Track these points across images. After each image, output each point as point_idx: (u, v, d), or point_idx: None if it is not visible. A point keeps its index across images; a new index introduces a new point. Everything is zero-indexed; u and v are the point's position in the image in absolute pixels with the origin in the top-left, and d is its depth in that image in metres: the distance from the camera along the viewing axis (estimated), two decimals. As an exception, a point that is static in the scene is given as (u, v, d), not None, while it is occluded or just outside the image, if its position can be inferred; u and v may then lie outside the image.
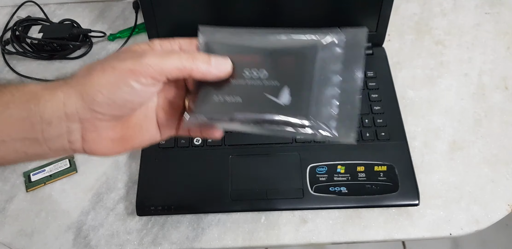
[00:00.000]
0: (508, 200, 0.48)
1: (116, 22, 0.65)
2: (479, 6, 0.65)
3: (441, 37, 0.62)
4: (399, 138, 0.50)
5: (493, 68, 0.58)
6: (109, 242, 0.47)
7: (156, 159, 0.49)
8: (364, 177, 0.47)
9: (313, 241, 0.46)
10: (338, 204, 0.46)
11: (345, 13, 0.54)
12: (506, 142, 0.52)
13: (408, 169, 0.47)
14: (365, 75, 0.55)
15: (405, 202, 0.46)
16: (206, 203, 0.46)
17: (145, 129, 0.31)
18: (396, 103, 0.53)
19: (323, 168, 0.48)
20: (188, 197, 0.47)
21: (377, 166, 0.47)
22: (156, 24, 0.54)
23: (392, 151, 0.49)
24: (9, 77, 0.60)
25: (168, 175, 0.48)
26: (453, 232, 0.46)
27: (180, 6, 0.53)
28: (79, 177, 0.51)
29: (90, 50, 0.62)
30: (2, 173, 0.51)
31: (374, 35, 0.56)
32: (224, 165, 0.48)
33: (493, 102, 0.55)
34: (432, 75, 0.58)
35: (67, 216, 0.48)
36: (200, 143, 0.50)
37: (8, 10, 0.67)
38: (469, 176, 0.49)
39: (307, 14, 0.54)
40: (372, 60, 0.56)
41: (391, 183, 0.46)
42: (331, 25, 0.53)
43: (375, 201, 0.46)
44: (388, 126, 0.50)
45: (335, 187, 0.46)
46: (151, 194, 0.47)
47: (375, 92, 0.53)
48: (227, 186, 0.47)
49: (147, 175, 0.48)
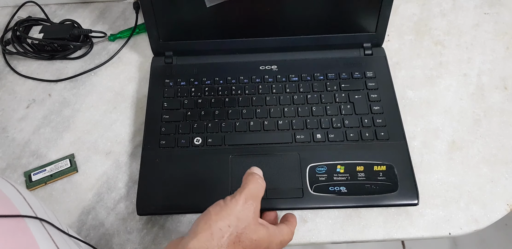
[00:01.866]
0: (507, 199, 0.48)
1: (117, 22, 0.66)
2: (478, 6, 0.65)
3: (441, 37, 0.62)
4: (399, 138, 0.50)
5: (492, 68, 0.58)
6: (110, 241, 0.47)
7: (157, 158, 0.49)
8: (363, 176, 0.47)
9: (313, 240, 0.46)
10: (337, 203, 0.46)
11: (345, 13, 0.54)
12: (505, 141, 0.52)
13: (407, 168, 0.47)
14: (364, 75, 0.55)
15: (404, 201, 0.46)
16: (206, 202, 0.46)
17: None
18: (395, 103, 0.53)
19: (322, 168, 0.48)
20: (188, 196, 0.47)
21: (376, 166, 0.47)
22: (157, 25, 0.54)
23: (391, 150, 0.49)
24: (9, 78, 0.60)
25: (169, 174, 0.48)
26: (453, 231, 0.46)
27: (180, 7, 0.53)
28: (79, 177, 0.51)
29: (91, 50, 0.63)
30: (3, 173, 0.52)
31: (373, 36, 0.56)
32: (224, 164, 0.48)
33: (492, 102, 0.55)
34: (432, 76, 0.58)
35: (68, 215, 0.49)
36: (200, 142, 0.50)
37: (8, 11, 0.67)
38: (469, 176, 0.50)
39: (307, 15, 0.54)
40: (371, 60, 0.56)
41: (390, 182, 0.46)
42: (331, 26, 0.54)
43: (375, 201, 0.46)
44: (387, 126, 0.50)
45: (334, 186, 0.46)
46: (151, 193, 0.47)
47: (375, 93, 0.53)
48: (227, 186, 0.47)
49: (148, 175, 0.48)
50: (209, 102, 0.53)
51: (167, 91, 0.54)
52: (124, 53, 0.62)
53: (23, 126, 0.56)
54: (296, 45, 0.56)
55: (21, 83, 0.60)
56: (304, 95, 0.53)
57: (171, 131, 0.51)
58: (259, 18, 0.54)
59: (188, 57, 0.57)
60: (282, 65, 0.56)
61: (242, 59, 0.57)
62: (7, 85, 0.60)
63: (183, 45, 0.57)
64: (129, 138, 0.54)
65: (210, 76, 0.55)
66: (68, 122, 0.56)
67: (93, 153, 0.53)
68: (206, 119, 0.52)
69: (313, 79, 0.55)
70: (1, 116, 0.57)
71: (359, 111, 0.52)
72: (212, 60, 0.57)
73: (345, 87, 0.54)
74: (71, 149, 0.53)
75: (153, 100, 0.54)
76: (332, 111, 0.52)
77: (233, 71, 0.56)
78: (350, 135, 0.50)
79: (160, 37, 0.56)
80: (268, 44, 0.56)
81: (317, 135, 0.50)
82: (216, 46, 0.56)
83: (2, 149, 0.54)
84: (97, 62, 0.61)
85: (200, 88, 0.54)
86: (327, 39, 0.56)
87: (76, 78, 0.60)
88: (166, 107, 0.53)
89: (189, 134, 0.51)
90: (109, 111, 0.56)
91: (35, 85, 0.59)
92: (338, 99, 0.53)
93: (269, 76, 0.55)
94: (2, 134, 0.55)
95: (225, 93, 0.54)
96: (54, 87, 0.59)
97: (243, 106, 0.53)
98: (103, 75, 0.60)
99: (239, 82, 0.55)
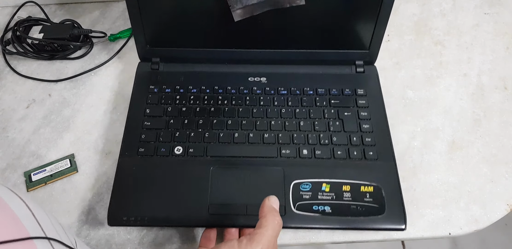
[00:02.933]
0: (507, 199, 0.48)
1: (117, 22, 0.66)
2: (478, 6, 0.65)
3: (441, 37, 0.62)
4: (388, 159, 0.48)
5: (492, 68, 0.58)
6: (110, 241, 0.47)
7: (134, 166, 0.47)
8: (349, 197, 0.45)
9: (313, 240, 0.46)
10: (321, 224, 0.44)
11: (339, 30, 0.52)
12: (505, 141, 0.52)
13: (396, 191, 0.45)
14: (355, 92, 0.53)
15: (391, 226, 0.44)
16: (182, 216, 0.44)
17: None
18: (385, 122, 0.51)
19: (307, 185, 0.46)
20: (164, 208, 0.45)
21: (363, 186, 0.45)
22: (144, 30, 0.52)
23: (379, 171, 0.47)
24: (9, 78, 0.60)
25: (145, 184, 0.46)
26: (452, 231, 0.46)
27: (169, 13, 0.51)
28: (79, 177, 0.51)
29: (91, 50, 0.63)
30: (3, 173, 0.52)
31: (366, 53, 0.54)
32: (204, 176, 0.46)
33: (492, 102, 0.55)
34: (432, 76, 0.58)
35: (68, 215, 0.49)
36: (181, 152, 0.48)
37: (9, 11, 0.67)
38: (468, 176, 0.50)
39: (301, 29, 0.52)
40: (363, 78, 0.55)
41: (377, 204, 0.44)
42: (324, 44, 0.54)
43: (360, 223, 0.44)
44: (376, 145, 0.49)
45: (318, 205, 0.44)
46: (125, 203, 0.45)
47: (365, 110, 0.51)
48: (205, 199, 0.45)
49: (123, 183, 0.46)
50: (194, 111, 0.52)
51: (151, 97, 0.53)
52: (124, 53, 0.62)
53: (23, 126, 0.56)
54: (287, 59, 0.55)
55: (21, 83, 0.60)
56: (292, 109, 0.52)
57: (151, 138, 0.49)
58: (251, 30, 0.52)
59: (175, 64, 0.56)
60: (271, 78, 0.55)
61: (231, 69, 0.55)
62: (7, 85, 0.60)
63: (170, 52, 0.55)
64: (129, 138, 0.54)
65: (197, 85, 0.54)
66: (68, 122, 0.56)
67: (93, 153, 0.53)
68: (189, 128, 0.50)
69: (302, 94, 0.53)
70: (1, 116, 0.57)
71: (348, 128, 0.50)
72: (200, 69, 0.55)
73: (334, 104, 0.52)
74: (71, 149, 0.53)
75: (136, 106, 0.52)
76: (320, 127, 0.50)
77: (220, 81, 0.54)
78: (337, 152, 0.48)
79: (147, 42, 0.54)
80: (259, 56, 0.55)
81: (303, 150, 0.48)
82: (205, 55, 0.55)
83: (2, 149, 0.54)
84: (97, 62, 0.61)
85: (186, 96, 0.53)
86: (319, 55, 0.54)
87: (76, 78, 0.60)
88: (148, 114, 0.51)
89: (170, 142, 0.49)
90: (109, 111, 0.56)
91: (35, 85, 0.59)
92: (327, 115, 0.51)
93: (257, 88, 0.53)
94: (2, 134, 0.55)
95: (210, 103, 0.52)
96: (54, 87, 0.59)
97: (228, 117, 0.51)
98: (103, 75, 0.60)
99: (226, 92, 0.53)
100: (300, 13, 0.50)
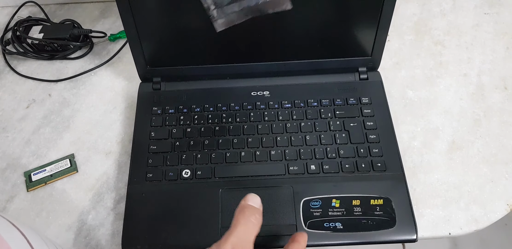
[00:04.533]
0: (507, 199, 0.48)
1: (117, 22, 0.66)
2: (478, 6, 0.65)
3: (441, 37, 0.62)
4: (396, 169, 0.47)
5: (492, 68, 0.58)
6: (110, 241, 0.47)
7: (143, 193, 0.47)
8: (360, 211, 0.44)
9: (313, 240, 0.46)
10: (332, 241, 0.43)
11: (340, 37, 0.51)
12: (505, 141, 0.52)
13: (405, 201, 0.45)
14: (360, 101, 0.52)
15: (403, 237, 0.43)
16: (194, 241, 0.43)
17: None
18: (392, 131, 0.50)
19: (317, 202, 0.45)
20: (176, 234, 0.44)
21: (373, 200, 0.45)
22: (143, 51, 0.52)
23: (388, 182, 0.46)
24: (9, 78, 0.60)
25: (156, 210, 0.46)
26: (452, 231, 0.46)
27: (167, 32, 0.50)
28: (80, 177, 0.51)
29: (91, 50, 0.63)
30: (3, 173, 0.52)
31: (369, 60, 0.53)
32: (214, 199, 0.46)
33: (492, 102, 0.55)
34: (432, 75, 0.58)
35: (68, 215, 0.49)
36: (189, 175, 0.48)
37: (9, 11, 0.67)
38: (468, 176, 0.50)
39: (301, 39, 0.51)
40: (367, 85, 0.54)
41: (387, 217, 0.44)
42: (325, 50, 0.53)
43: (372, 237, 0.43)
44: (384, 156, 0.48)
45: (329, 222, 0.44)
46: (138, 230, 0.45)
47: (370, 120, 0.51)
48: (216, 222, 0.44)
49: (134, 211, 0.46)
50: (199, 131, 0.51)
51: (155, 119, 0.52)
52: (124, 53, 0.62)
53: (23, 126, 0.56)
54: (289, 70, 0.54)
55: (21, 83, 0.60)
56: (297, 123, 0.51)
57: (159, 162, 0.49)
58: (251, 43, 0.52)
59: (177, 83, 0.55)
60: (274, 91, 0.54)
61: (233, 84, 0.54)
62: (7, 85, 0.60)
63: (171, 70, 0.54)
64: (129, 138, 0.54)
65: (200, 103, 0.53)
66: (68, 122, 0.56)
67: (93, 153, 0.53)
68: (195, 149, 0.49)
69: (306, 106, 0.52)
70: (1, 116, 0.57)
71: (354, 140, 0.49)
72: (202, 86, 0.54)
73: (339, 114, 0.51)
74: (71, 149, 0.53)
75: (140, 129, 0.51)
76: (326, 140, 0.49)
77: (223, 97, 0.53)
78: (345, 166, 0.47)
79: (147, 63, 0.53)
80: (260, 69, 0.54)
81: (311, 166, 0.47)
82: (205, 71, 0.54)
83: (2, 149, 0.54)
84: (97, 62, 0.61)
85: (189, 116, 0.52)
86: (321, 64, 0.53)
87: (76, 78, 0.60)
88: (154, 137, 0.50)
89: (177, 165, 0.48)
90: (109, 111, 0.56)
91: (35, 85, 0.59)
92: (332, 127, 0.50)
93: (261, 103, 0.53)
94: (2, 134, 0.55)
95: (215, 122, 0.51)
96: (54, 87, 0.59)
97: (234, 135, 0.50)
98: (103, 75, 0.60)
99: (230, 109, 0.52)
100: (297, 21, 0.49)
